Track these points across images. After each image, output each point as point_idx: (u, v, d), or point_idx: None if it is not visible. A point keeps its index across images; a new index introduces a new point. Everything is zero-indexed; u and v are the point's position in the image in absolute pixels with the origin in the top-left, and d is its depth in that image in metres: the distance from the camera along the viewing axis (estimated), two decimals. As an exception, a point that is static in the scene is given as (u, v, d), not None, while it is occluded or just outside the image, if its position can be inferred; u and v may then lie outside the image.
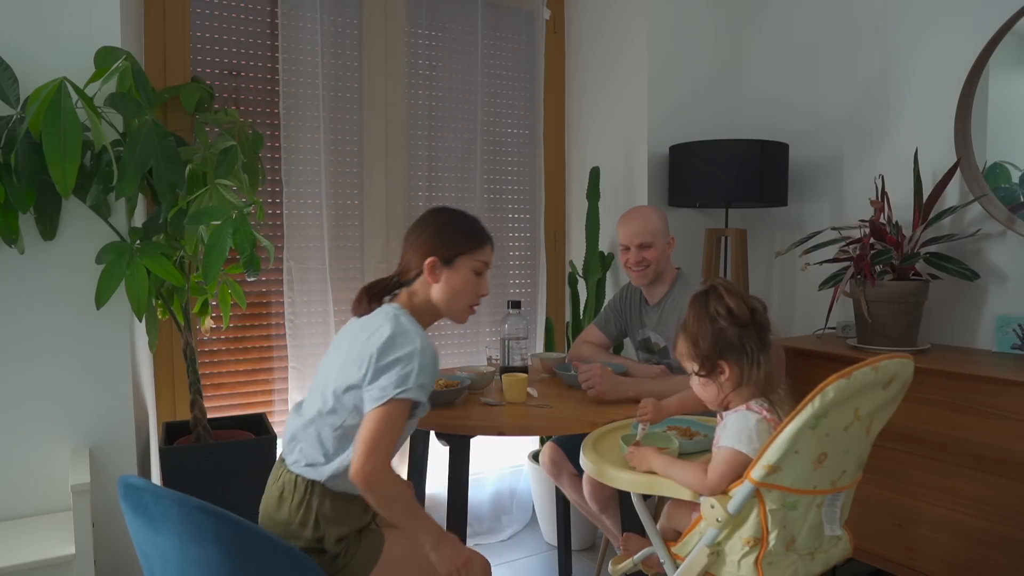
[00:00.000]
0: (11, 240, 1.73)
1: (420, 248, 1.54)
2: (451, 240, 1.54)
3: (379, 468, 1.36)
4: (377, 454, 1.36)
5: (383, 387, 1.38)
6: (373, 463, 1.35)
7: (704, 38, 2.98)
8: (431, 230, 1.55)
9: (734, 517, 1.26)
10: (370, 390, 1.39)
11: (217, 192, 1.85)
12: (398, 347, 1.40)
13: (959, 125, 2.28)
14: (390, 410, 1.37)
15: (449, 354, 2.98)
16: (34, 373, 1.85)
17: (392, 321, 1.45)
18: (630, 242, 2.16)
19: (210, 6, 2.49)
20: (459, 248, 1.54)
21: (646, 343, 2.27)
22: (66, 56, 1.82)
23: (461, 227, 1.57)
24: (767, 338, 1.36)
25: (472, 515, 2.85)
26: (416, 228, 1.58)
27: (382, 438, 1.37)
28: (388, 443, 1.38)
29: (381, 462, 1.36)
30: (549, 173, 3.22)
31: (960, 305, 2.33)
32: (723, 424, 1.36)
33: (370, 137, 2.70)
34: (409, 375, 1.38)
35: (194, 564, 1.19)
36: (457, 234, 1.55)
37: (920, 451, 2.02)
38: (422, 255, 1.53)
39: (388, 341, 1.41)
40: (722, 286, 1.37)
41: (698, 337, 1.36)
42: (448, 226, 1.56)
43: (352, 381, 1.42)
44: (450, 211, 1.60)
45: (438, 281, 1.53)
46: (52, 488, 1.88)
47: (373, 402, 1.38)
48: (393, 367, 1.39)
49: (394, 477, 1.39)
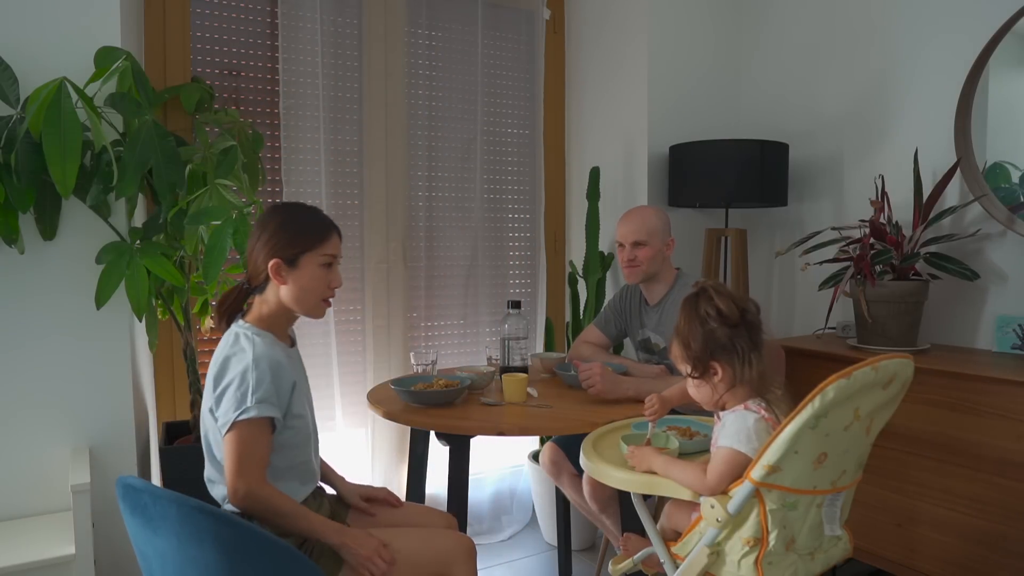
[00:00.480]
0: (11, 240, 1.74)
1: (262, 251, 1.48)
2: (291, 239, 1.48)
3: (252, 488, 1.36)
4: (244, 474, 1.36)
5: (225, 412, 1.38)
6: (243, 484, 1.35)
7: (704, 38, 2.98)
8: (268, 232, 1.48)
9: (734, 517, 1.26)
10: (217, 417, 1.40)
11: (217, 192, 1.86)
12: (231, 369, 1.40)
13: (959, 125, 2.27)
14: (240, 433, 1.36)
15: (449, 354, 2.98)
16: (34, 373, 1.85)
17: (228, 343, 1.44)
18: (625, 239, 2.17)
19: (210, 6, 2.49)
20: (300, 246, 1.48)
21: (646, 343, 2.27)
22: (66, 56, 1.82)
23: (299, 223, 1.50)
24: (759, 338, 1.36)
25: (472, 515, 2.85)
26: (255, 231, 1.51)
27: (243, 459, 1.36)
28: (251, 463, 1.36)
29: (253, 481, 1.36)
30: (549, 173, 3.22)
31: (960, 305, 2.33)
32: (721, 424, 1.37)
33: (370, 137, 2.70)
34: (246, 394, 1.37)
35: (192, 564, 1.19)
36: (296, 232, 1.49)
37: (920, 451, 2.02)
38: (264, 258, 1.47)
39: (221, 366, 1.41)
40: (712, 288, 1.37)
41: (689, 339, 1.37)
42: (286, 225, 1.49)
43: (210, 406, 1.43)
44: (287, 207, 1.54)
45: (285, 283, 1.48)
46: (52, 488, 1.87)
47: (222, 428, 1.38)
48: (228, 390, 1.39)
49: (271, 491, 1.38)
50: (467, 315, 3.02)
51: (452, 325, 3.00)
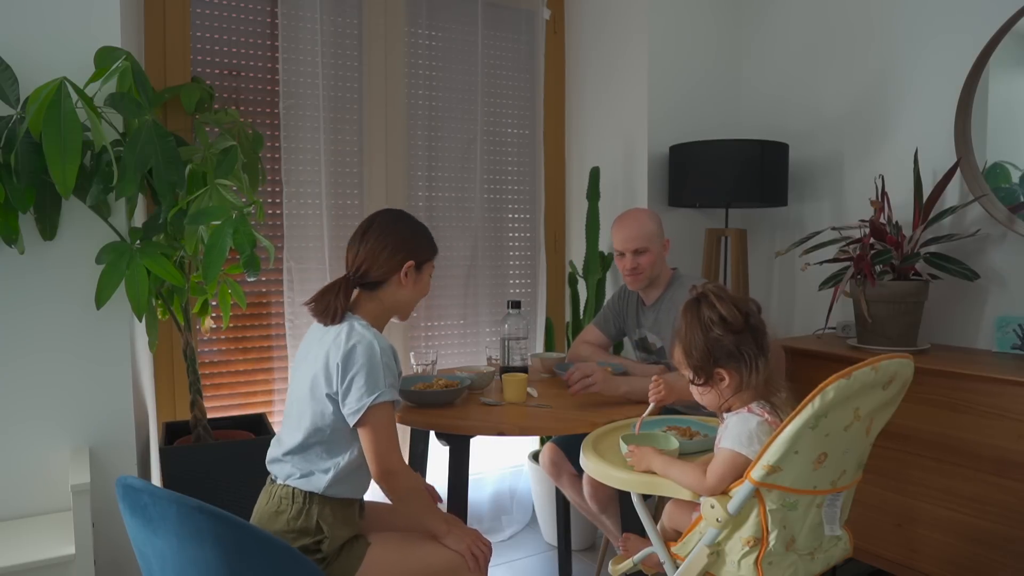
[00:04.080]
0: (11, 240, 1.73)
1: (398, 252, 1.58)
2: (424, 246, 1.63)
3: (395, 469, 1.47)
4: (386, 457, 1.46)
5: (359, 398, 1.44)
6: (388, 466, 1.46)
7: (704, 38, 2.98)
8: (404, 235, 1.60)
9: (734, 517, 1.26)
10: (347, 405, 1.46)
11: (217, 192, 1.85)
12: (358, 356, 1.46)
13: (959, 125, 2.27)
14: (378, 415, 1.45)
15: (449, 354, 2.98)
16: (34, 373, 1.85)
17: (351, 334, 1.49)
18: (625, 247, 2.15)
19: (210, 6, 2.49)
20: (428, 253, 1.64)
21: (643, 343, 2.28)
22: (66, 56, 1.82)
23: (426, 234, 1.66)
24: (764, 341, 1.35)
25: (472, 515, 2.85)
26: (386, 231, 1.59)
27: (382, 442, 1.45)
28: (389, 445, 1.47)
29: (395, 463, 1.47)
30: (549, 173, 3.22)
31: (960, 305, 2.33)
32: (724, 425, 1.37)
33: (370, 137, 2.70)
34: (378, 380, 1.45)
35: (192, 564, 1.19)
36: (426, 240, 1.64)
37: (920, 451, 2.02)
38: (401, 259, 1.58)
39: (348, 354, 1.46)
40: (712, 292, 1.35)
41: (691, 347, 1.35)
42: (418, 232, 1.63)
43: (329, 392, 1.47)
44: (408, 215, 1.65)
45: (407, 285, 1.60)
46: (52, 488, 1.87)
47: (356, 415, 1.45)
48: (359, 378, 1.45)
49: (409, 472, 1.50)
50: (467, 315, 3.02)
51: (452, 325, 3.00)
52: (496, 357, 2.29)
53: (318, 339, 1.54)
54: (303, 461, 1.50)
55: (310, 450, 1.49)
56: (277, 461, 1.55)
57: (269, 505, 1.50)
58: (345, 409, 1.46)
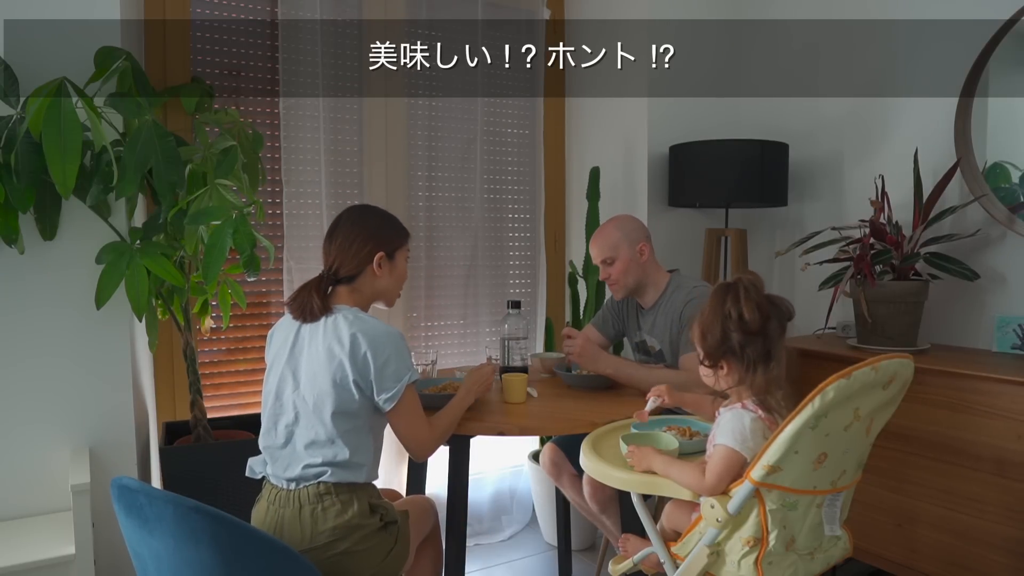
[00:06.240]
0: (11, 240, 1.74)
1: (365, 245, 1.64)
2: (392, 235, 1.70)
3: (432, 439, 1.63)
4: (422, 431, 1.60)
5: (394, 383, 1.53)
6: (425, 440, 1.61)
7: (704, 38, 2.98)
8: (370, 228, 1.66)
9: (734, 517, 1.26)
10: (383, 391, 1.53)
11: (217, 192, 1.85)
12: (382, 344, 1.53)
13: (959, 125, 2.27)
14: (411, 394, 1.57)
15: (449, 354, 2.98)
16: (34, 373, 1.85)
17: (363, 323, 1.56)
18: (596, 260, 2.19)
19: (210, 6, 2.49)
20: (398, 242, 1.70)
21: (642, 345, 2.27)
22: (66, 56, 1.82)
23: (393, 222, 1.72)
24: (775, 349, 1.34)
25: (472, 515, 2.85)
26: (352, 227, 1.66)
27: (415, 420, 1.59)
28: (421, 420, 1.60)
29: (429, 435, 1.62)
30: (549, 173, 3.22)
31: (960, 305, 2.33)
32: (717, 421, 1.37)
33: (370, 137, 2.69)
34: (402, 362, 1.55)
35: (188, 565, 1.18)
36: (394, 229, 1.71)
37: (920, 451, 2.02)
38: (369, 252, 1.64)
39: (373, 343, 1.53)
40: (743, 286, 1.34)
41: (707, 332, 1.37)
42: (385, 223, 1.70)
43: (357, 379, 1.52)
44: (374, 208, 1.74)
45: (382, 275, 1.66)
46: (52, 488, 1.88)
47: (393, 401, 1.54)
48: (390, 363, 1.53)
49: (435, 427, 1.65)
50: (467, 315, 3.02)
51: (452, 325, 3.00)
52: (496, 357, 2.29)
53: (308, 334, 1.58)
54: (335, 452, 1.51)
55: (336, 442, 1.51)
56: (279, 461, 1.55)
57: (300, 513, 1.49)
58: (381, 396, 1.53)
